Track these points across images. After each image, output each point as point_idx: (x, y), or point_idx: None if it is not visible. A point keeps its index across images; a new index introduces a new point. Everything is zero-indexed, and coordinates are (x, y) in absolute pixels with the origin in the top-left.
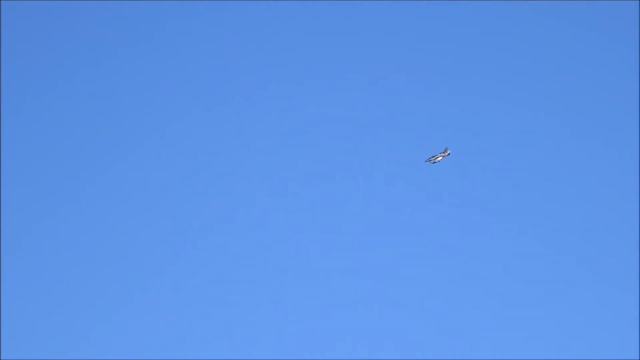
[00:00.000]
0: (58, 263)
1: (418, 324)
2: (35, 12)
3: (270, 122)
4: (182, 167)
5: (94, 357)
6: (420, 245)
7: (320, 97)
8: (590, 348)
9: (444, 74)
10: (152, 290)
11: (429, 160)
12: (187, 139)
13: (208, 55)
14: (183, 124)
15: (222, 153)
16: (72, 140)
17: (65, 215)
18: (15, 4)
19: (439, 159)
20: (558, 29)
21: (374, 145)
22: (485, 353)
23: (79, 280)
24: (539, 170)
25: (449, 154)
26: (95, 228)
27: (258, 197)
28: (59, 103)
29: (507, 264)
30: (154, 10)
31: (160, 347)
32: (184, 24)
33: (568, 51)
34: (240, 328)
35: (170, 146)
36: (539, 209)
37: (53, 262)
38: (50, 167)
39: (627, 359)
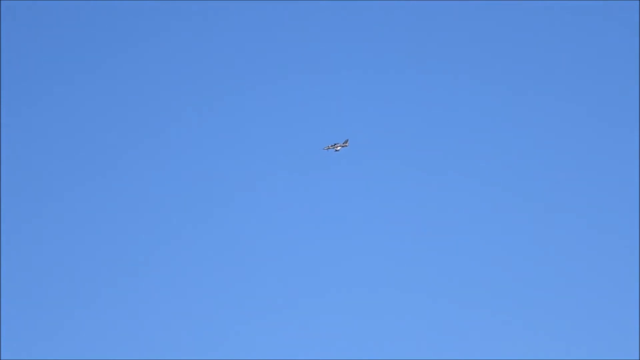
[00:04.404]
0: (58, 263)
1: (417, 324)
2: (35, 12)
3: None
4: (181, 167)
5: (93, 357)
6: (419, 245)
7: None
8: (591, 348)
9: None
10: (152, 290)
11: (328, 148)
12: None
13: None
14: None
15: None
16: (71, 139)
17: (65, 215)
18: (15, 4)
19: (338, 148)
20: (558, 29)
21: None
22: (485, 353)
23: (78, 280)
24: (538, 170)
25: (347, 145)
26: (95, 228)
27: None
28: (59, 103)
29: (507, 264)
30: (154, 10)
31: (160, 347)
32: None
33: (568, 51)
34: (240, 328)
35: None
36: (538, 209)
37: (53, 262)
38: (49, 167)
39: (627, 359)
